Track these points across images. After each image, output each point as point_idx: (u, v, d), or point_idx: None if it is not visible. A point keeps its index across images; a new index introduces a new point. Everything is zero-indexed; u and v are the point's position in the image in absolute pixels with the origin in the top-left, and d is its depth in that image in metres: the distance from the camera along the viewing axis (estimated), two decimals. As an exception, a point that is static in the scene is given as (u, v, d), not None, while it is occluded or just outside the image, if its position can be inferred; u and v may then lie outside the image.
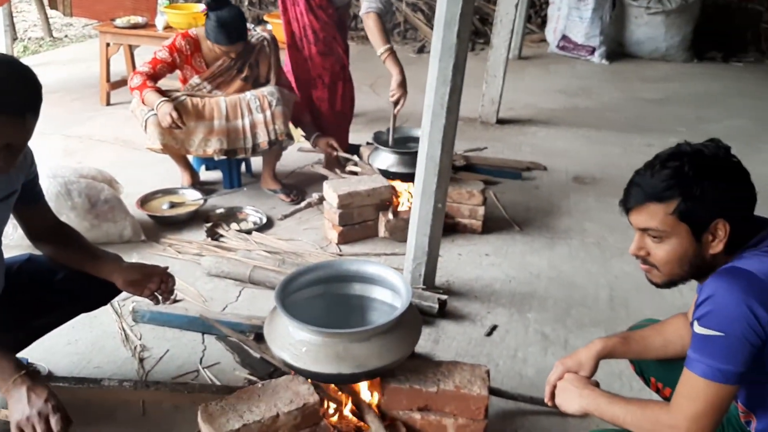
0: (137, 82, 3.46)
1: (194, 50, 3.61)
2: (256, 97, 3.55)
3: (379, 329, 1.91)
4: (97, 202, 3.15)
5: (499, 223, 3.62)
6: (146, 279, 2.09)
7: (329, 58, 3.91)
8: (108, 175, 3.39)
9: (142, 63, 3.56)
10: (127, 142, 4.60)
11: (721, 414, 1.37)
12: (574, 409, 1.62)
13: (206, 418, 1.78)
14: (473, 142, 4.83)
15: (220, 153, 3.57)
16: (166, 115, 3.35)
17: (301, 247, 3.33)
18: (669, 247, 1.46)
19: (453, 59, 2.52)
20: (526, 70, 7.20)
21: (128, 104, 3.70)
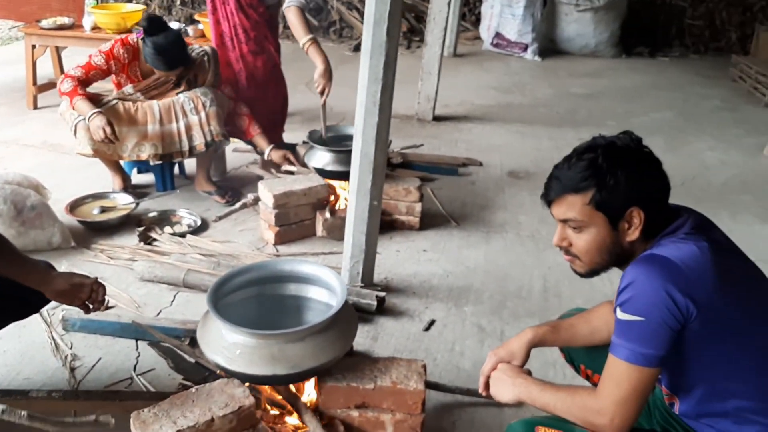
0: (67, 88, 3.34)
1: (132, 59, 3.51)
2: (190, 99, 3.49)
3: (313, 329, 1.91)
4: (23, 209, 3.04)
5: (436, 219, 3.66)
6: (76, 289, 2.02)
7: (261, 57, 3.87)
8: (34, 180, 3.28)
9: (74, 66, 3.42)
10: (56, 146, 4.46)
11: (645, 396, 1.42)
12: (508, 399, 1.66)
13: (139, 426, 1.74)
14: (410, 140, 4.86)
15: (155, 158, 3.50)
16: (99, 129, 3.25)
17: (237, 248, 3.29)
18: (588, 236, 1.51)
19: (383, 57, 2.53)
20: (461, 68, 7.29)
21: (57, 107, 3.59)
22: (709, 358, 1.42)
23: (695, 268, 1.38)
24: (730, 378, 1.43)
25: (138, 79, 3.55)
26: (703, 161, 4.73)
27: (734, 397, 1.43)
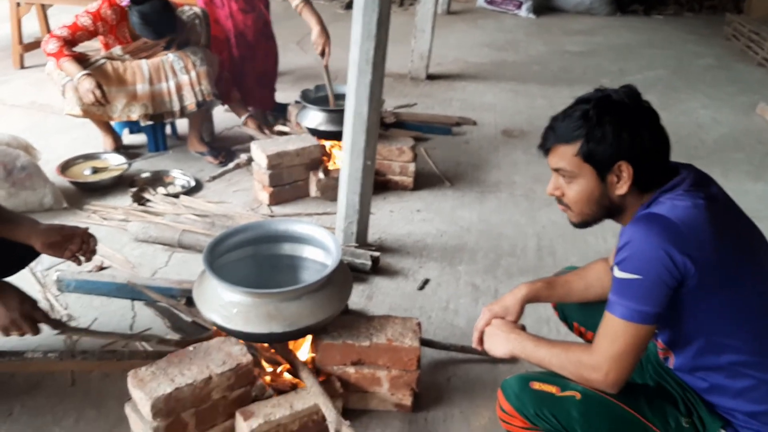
0: (53, 48, 3.26)
1: (120, 20, 3.43)
2: (180, 58, 3.44)
3: (309, 288, 1.92)
4: (13, 170, 3.01)
5: (430, 179, 3.65)
6: (66, 240, 2.02)
7: (251, 15, 3.81)
8: (23, 140, 3.24)
9: (60, 26, 3.33)
10: (44, 106, 4.40)
11: (639, 353, 1.44)
12: (502, 353, 1.67)
13: (137, 384, 1.75)
14: (403, 99, 4.83)
15: (146, 118, 3.46)
16: (89, 92, 3.20)
17: (231, 209, 3.28)
18: (578, 187, 1.52)
19: (376, 13, 2.49)
20: (454, 25, 7.21)
21: (44, 67, 3.53)
22: (705, 314, 1.43)
23: (693, 226, 1.38)
24: (725, 333, 1.45)
25: (127, 40, 3.49)
26: (696, 119, 4.72)
27: (728, 351, 1.46)
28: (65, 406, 2.05)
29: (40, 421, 1.99)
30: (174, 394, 1.74)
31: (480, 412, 2.09)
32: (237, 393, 1.88)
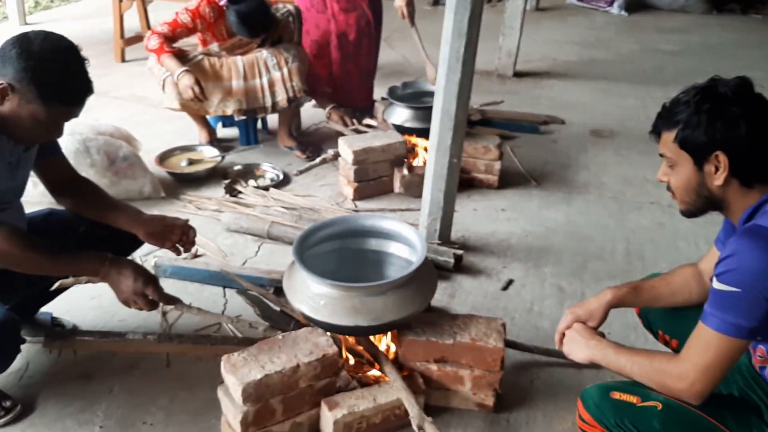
0: (154, 45, 3.42)
1: (218, 18, 3.54)
2: (273, 55, 3.53)
3: (395, 283, 1.94)
4: (115, 159, 3.18)
5: (516, 178, 3.62)
6: (168, 230, 2.13)
7: (353, 14, 3.86)
8: (125, 131, 3.41)
9: (161, 22, 3.49)
10: (143, 98, 4.61)
11: (729, 366, 1.40)
12: (581, 358, 1.67)
13: (229, 369, 1.82)
14: (489, 96, 4.78)
15: (239, 113, 3.58)
16: (188, 89, 3.35)
17: (317, 202, 3.35)
18: (678, 174, 1.51)
19: (468, 11, 2.49)
20: (543, 22, 7.08)
21: (143, 61, 3.70)
22: None
23: None
24: None
25: (223, 37, 3.61)
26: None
27: None
28: (160, 387, 2.15)
29: (137, 400, 2.10)
30: (264, 380, 1.80)
31: (563, 416, 2.07)
32: (322, 383, 1.92)
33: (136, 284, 1.85)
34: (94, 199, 2.14)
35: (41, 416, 2.03)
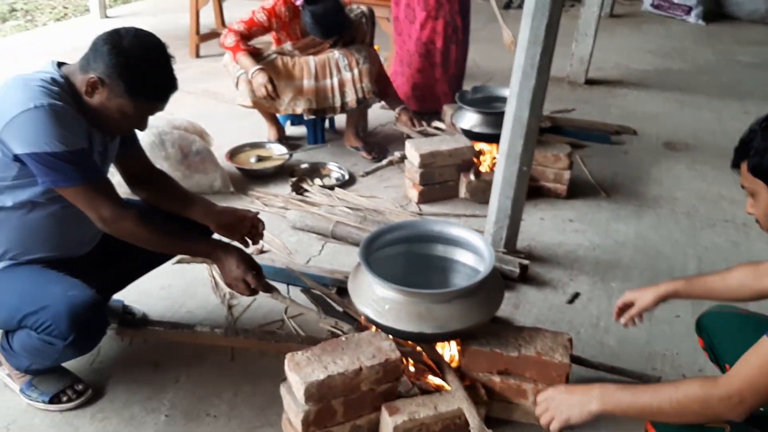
0: (231, 42, 3.49)
1: (293, 17, 3.59)
2: (344, 56, 3.56)
3: (461, 292, 1.93)
4: (189, 153, 3.25)
5: (585, 189, 3.54)
6: (238, 223, 2.19)
7: (440, 22, 3.87)
8: (199, 126, 3.49)
9: (237, 20, 3.56)
10: (215, 94, 4.71)
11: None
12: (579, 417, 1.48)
13: (293, 367, 1.84)
14: (560, 103, 4.70)
15: (309, 113, 3.62)
16: (261, 87, 3.41)
17: (381, 204, 3.35)
18: (759, 203, 1.47)
19: (546, 18, 2.45)
20: (617, 29, 6.92)
21: (217, 57, 3.77)
22: None
23: None
24: None
25: (297, 36, 3.65)
26: None
27: None
28: (225, 380, 2.19)
29: (202, 391, 2.14)
30: (326, 381, 1.81)
31: (628, 437, 2.01)
32: (384, 387, 1.92)
33: (239, 269, 1.96)
34: (169, 191, 2.21)
35: (110, 401, 2.10)
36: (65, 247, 1.99)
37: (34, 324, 1.82)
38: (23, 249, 1.91)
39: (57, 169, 1.73)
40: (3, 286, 1.88)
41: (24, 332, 1.87)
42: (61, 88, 1.79)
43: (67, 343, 1.81)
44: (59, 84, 1.79)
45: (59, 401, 2.05)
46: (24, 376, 2.06)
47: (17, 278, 1.88)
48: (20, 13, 7.17)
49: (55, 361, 1.97)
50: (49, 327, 1.80)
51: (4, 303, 1.87)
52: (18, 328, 1.89)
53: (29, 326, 1.84)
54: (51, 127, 1.70)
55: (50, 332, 1.80)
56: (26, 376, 2.06)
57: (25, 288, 1.86)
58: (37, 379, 2.05)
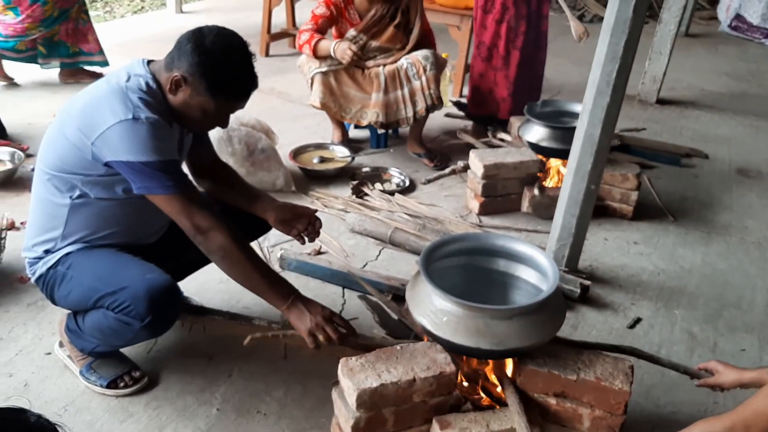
0: (306, 37, 3.53)
1: (347, 3, 3.63)
2: (412, 64, 3.55)
3: (522, 309, 1.88)
4: (254, 151, 3.29)
5: (651, 211, 3.44)
6: (296, 219, 2.21)
7: (503, 26, 3.81)
8: (266, 125, 3.53)
9: (304, 22, 3.60)
10: (282, 93, 4.76)
11: None
12: None
13: (347, 372, 1.83)
14: (629, 122, 4.59)
15: (379, 126, 3.63)
16: (346, 51, 3.42)
17: (441, 213, 3.33)
18: None
19: (626, 35, 2.40)
20: (692, 49, 6.73)
21: (285, 57, 3.81)
22: None
23: None
24: None
25: (356, 21, 3.65)
26: None
27: None
28: (276, 377, 2.20)
29: (253, 388, 2.16)
30: (379, 389, 1.79)
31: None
32: (436, 400, 1.89)
33: (324, 311, 1.89)
34: (232, 184, 2.24)
35: (164, 390, 2.13)
36: (137, 236, 2.04)
37: (111, 304, 1.86)
38: (98, 234, 1.96)
39: (151, 177, 1.77)
40: (79, 266, 1.93)
41: (100, 312, 1.92)
42: (154, 94, 1.84)
43: (144, 324, 1.85)
44: (152, 90, 1.84)
45: (116, 386, 2.09)
46: (84, 359, 2.11)
47: (94, 259, 1.93)
48: (100, 4, 7.41)
49: (127, 342, 2.02)
50: (127, 307, 1.84)
51: (81, 283, 1.92)
52: (93, 308, 1.93)
53: (106, 306, 1.88)
54: (147, 138, 1.75)
55: (128, 313, 1.84)
56: (87, 359, 2.11)
57: (103, 269, 1.90)
58: (97, 362, 2.10)
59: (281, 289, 1.91)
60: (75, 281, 1.95)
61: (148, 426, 2.00)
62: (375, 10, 3.60)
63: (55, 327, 2.26)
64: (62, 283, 1.97)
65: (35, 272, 2.02)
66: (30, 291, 2.52)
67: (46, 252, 1.98)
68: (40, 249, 1.99)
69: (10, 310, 2.44)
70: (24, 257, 2.06)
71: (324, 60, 3.54)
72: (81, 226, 1.96)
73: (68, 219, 1.94)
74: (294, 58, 5.57)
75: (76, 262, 1.95)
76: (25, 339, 2.31)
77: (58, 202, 1.93)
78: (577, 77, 4.81)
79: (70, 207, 1.92)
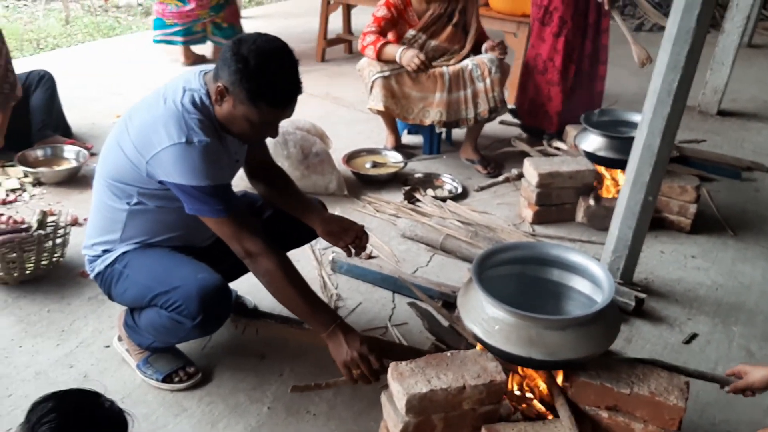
0: (370, 40, 3.55)
1: (406, 4, 3.65)
2: (477, 66, 3.54)
3: (576, 320, 1.86)
4: (309, 154, 3.34)
5: (710, 225, 3.35)
6: (344, 232, 2.23)
7: (560, 40, 3.78)
8: (320, 129, 3.57)
9: (366, 26, 3.63)
10: (337, 98, 4.81)
11: None
12: None
13: (396, 377, 1.83)
14: (689, 133, 4.48)
15: (440, 124, 3.63)
16: (414, 59, 3.45)
17: (493, 221, 3.31)
18: None
19: (688, 45, 2.35)
20: (755, 60, 6.53)
21: (341, 62, 3.85)
22: None
23: None
24: None
25: (415, 22, 3.66)
26: None
27: None
28: (326, 379, 2.21)
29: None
30: (429, 395, 1.79)
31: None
32: (486, 408, 1.88)
33: (362, 348, 1.88)
34: (284, 189, 2.27)
35: (217, 386, 2.17)
36: (192, 240, 2.10)
37: (164, 303, 1.91)
38: (155, 239, 2.02)
39: (202, 201, 1.82)
40: (135, 265, 1.99)
41: (154, 311, 1.97)
42: (207, 111, 1.86)
43: (195, 323, 1.89)
44: (206, 106, 1.86)
45: (171, 381, 2.14)
46: (142, 353, 2.17)
47: (149, 259, 1.99)
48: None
49: (180, 340, 2.07)
50: (179, 307, 1.89)
51: (137, 282, 1.98)
52: (148, 306, 1.99)
53: (159, 305, 1.93)
54: (199, 163, 1.79)
55: (180, 312, 1.89)
56: (144, 353, 2.17)
57: (157, 268, 1.96)
58: (154, 357, 2.16)
59: (323, 317, 1.93)
60: (131, 280, 2.01)
61: (201, 421, 2.04)
62: (432, 9, 3.62)
63: (114, 321, 2.33)
64: (119, 281, 2.04)
65: (94, 269, 2.09)
66: (91, 285, 2.60)
67: (104, 251, 2.05)
68: (99, 248, 2.06)
69: (72, 303, 2.53)
70: (84, 254, 2.14)
71: (386, 63, 3.56)
72: (138, 231, 2.02)
73: (126, 224, 2.00)
74: (349, 63, 5.66)
75: (132, 261, 2.01)
76: (86, 332, 2.39)
77: (117, 207, 1.99)
78: (634, 87, 4.72)
79: (128, 213, 1.98)
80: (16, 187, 3.36)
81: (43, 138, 3.66)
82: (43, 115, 3.68)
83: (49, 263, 2.64)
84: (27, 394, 2.11)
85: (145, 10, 7.47)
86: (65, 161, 3.56)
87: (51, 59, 5.43)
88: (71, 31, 6.62)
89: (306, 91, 1.97)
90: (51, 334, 2.37)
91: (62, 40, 6.29)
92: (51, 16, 7.04)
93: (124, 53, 5.77)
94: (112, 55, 5.71)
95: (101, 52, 5.84)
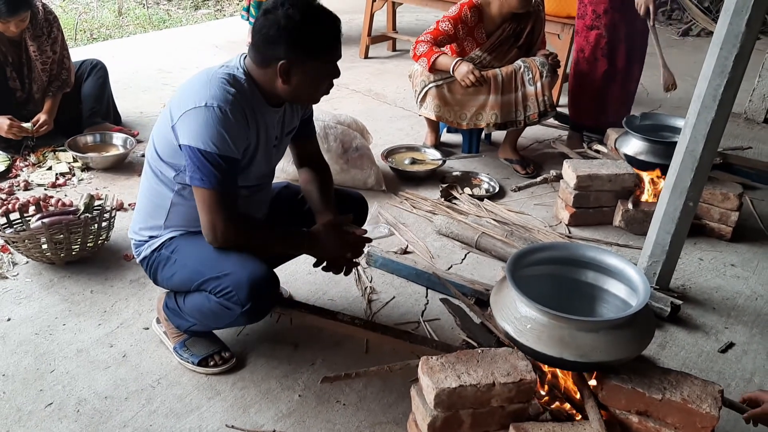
0: (423, 50, 3.53)
1: (478, 21, 3.60)
2: (529, 68, 3.52)
3: (610, 323, 1.85)
4: (349, 149, 3.37)
5: (752, 233, 3.29)
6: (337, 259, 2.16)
7: (593, 33, 3.74)
8: (361, 124, 3.60)
9: (423, 33, 3.61)
10: (378, 95, 4.84)
11: None
12: None
13: (426, 371, 1.85)
14: (733, 140, 4.41)
15: (493, 127, 3.62)
16: (468, 74, 3.44)
17: (530, 221, 3.30)
18: None
19: (737, 49, 2.31)
20: (807, 66, 6.36)
21: (383, 59, 3.86)
22: None
23: None
24: None
25: (483, 41, 3.63)
26: None
27: None
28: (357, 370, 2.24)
29: (335, 378, 2.21)
30: (458, 390, 1.81)
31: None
32: (514, 407, 1.89)
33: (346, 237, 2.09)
34: (319, 186, 2.24)
35: (251, 372, 2.22)
36: None
37: (214, 288, 1.95)
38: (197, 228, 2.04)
39: (199, 167, 1.85)
40: (183, 251, 2.04)
41: (203, 295, 2.01)
42: (240, 85, 1.90)
43: (244, 310, 1.93)
44: (238, 82, 1.90)
45: (206, 365, 2.19)
46: (179, 336, 2.23)
47: (197, 245, 2.01)
48: (212, 2, 7.73)
49: (225, 325, 2.12)
50: (230, 293, 1.92)
51: (185, 266, 2.03)
52: (196, 290, 2.04)
53: (209, 290, 1.97)
54: (213, 127, 1.83)
55: (230, 298, 1.93)
56: (181, 336, 2.23)
57: (207, 254, 1.98)
58: (191, 340, 2.21)
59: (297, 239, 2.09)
60: (179, 264, 2.05)
61: (234, 405, 2.09)
62: (502, 29, 3.59)
63: (154, 304, 2.40)
64: (166, 265, 2.08)
65: (140, 254, 2.15)
66: (133, 268, 2.68)
67: (150, 237, 2.11)
68: (146, 234, 2.12)
69: (114, 285, 2.61)
70: (130, 239, 2.20)
71: (437, 72, 3.56)
72: (181, 219, 2.07)
73: (170, 211, 2.06)
74: (392, 61, 5.69)
75: (180, 247, 2.06)
76: (126, 313, 2.46)
77: (163, 193, 2.04)
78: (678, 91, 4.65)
79: (172, 200, 2.03)
80: (65, 171, 3.47)
81: (93, 125, 3.77)
82: (93, 102, 3.79)
83: (95, 246, 2.72)
84: (68, 370, 2.18)
85: (194, 4, 7.60)
86: (113, 147, 3.66)
87: (104, 49, 5.56)
88: (123, 22, 6.79)
89: (349, 87, 2.03)
90: (93, 314, 2.45)
91: (115, 31, 6.46)
92: (105, 7, 7.22)
93: (174, 45, 5.89)
94: (162, 47, 5.83)
95: (152, 43, 5.97)
